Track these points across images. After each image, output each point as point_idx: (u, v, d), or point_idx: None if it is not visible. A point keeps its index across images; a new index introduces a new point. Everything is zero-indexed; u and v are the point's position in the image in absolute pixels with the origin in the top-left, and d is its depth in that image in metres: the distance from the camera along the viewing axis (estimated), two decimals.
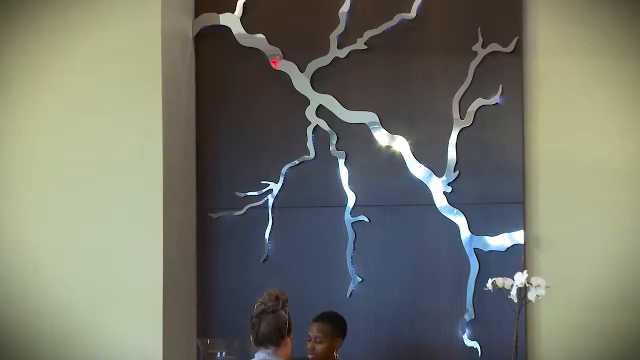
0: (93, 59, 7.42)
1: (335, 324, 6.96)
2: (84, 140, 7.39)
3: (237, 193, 7.87)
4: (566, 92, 7.62)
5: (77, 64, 7.45)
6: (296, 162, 7.84)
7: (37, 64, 7.51)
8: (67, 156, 7.43)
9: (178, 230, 7.68)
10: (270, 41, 7.88)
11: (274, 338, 5.56)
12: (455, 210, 7.66)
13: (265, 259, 7.82)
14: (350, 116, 7.82)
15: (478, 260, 7.58)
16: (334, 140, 7.82)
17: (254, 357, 5.64)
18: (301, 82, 7.85)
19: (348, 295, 7.68)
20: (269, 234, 7.83)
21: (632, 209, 7.48)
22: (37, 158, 7.47)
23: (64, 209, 7.40)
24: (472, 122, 7.67)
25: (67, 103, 7.45)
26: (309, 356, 6.96)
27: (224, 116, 8.07)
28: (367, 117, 7.80)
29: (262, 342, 5.59)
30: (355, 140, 7.85)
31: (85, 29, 7.45)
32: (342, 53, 7.80)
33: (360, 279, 7.72)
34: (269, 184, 7.85)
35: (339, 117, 7.83)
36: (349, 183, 7.78)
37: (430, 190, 7.69)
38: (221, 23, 7.93)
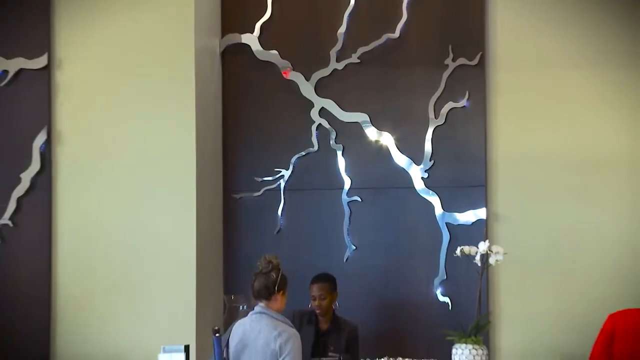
0: (141, 72, 7.66)
1: (331, 282, 7.16)
2: (137, 136, 7.64)
3: (255, 178, 8.08)
4: (520, 97, 7.77)
5: (129, 77, 7.68)
6: (303, 153, 8.05)
7: (105, 77, 7.73)
8: (126, 150, 7.68)
9: (208, 208, 7.85)
10: (282, 56, 8.07)
11: (264, 294, 5.80)
12: (431, 192, 7.85)
13: (278, 231, 8.03)
14: (346, 116, 8.00)
15: (449, 232, 7.79)
16: (333, 136, 8.01)
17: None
18: (307, 89, 8.05)
19: (345, 260, 7.89)
20: (281, 211, 8.04)
21: (573, 191, 7.63)
22: (105, 151, 7.71)
23: (124, 190, 7.66)
24: (445, 121, 7.87)
25: (125, 107, 7.70)
26: (317, 311, 7.09)
27: (245, 116, 8.19)
28: (360, 117, 7.98)
29: (257, 296, 5.82)
30: (351, 135, 8.01)
31: (134, 48, 7.69)
32: (340, 65, 8.00)
33: (355, 247, 7.91)
34: (281, 171, 8.06)
35: (337, 117, 8.02)
36: (346, 170, 7.97)
37: (410, 176, 7.88)
38: (242, 42, 8.12)
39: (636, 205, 7.65)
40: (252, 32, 8.13)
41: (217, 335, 5.54)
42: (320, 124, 8.08)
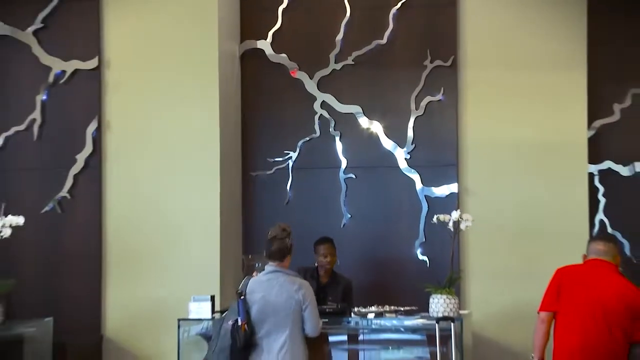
0: (175, 72, 7.68)
1: (333, 243, 7.18)
2: (171, 124, 7.66)
3: (268, 159, 8.08)
4: (486, 91, 7.77)
5: (165, 76, 7.69)
6: (307, 138, 8.05)
7: (144, 76, 7.74)
8: (162, 135, 7.69)
9: (229, 184, 7.86)
10: (290, 58, 8.08)
11: (279, 256, 5.73)
12: (412, 170, 7.87)
13: (287, 203, 8.03)
14: (343, 108, 8.02)
15: (427, 203, 7.81)
16: (332, 124, 8.01)
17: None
18: (310, 86, 8.05)
19: (342, 226, 7.90)
20: (290, 186, 8.04)
21: (529, 169, 7.65)
22: (145, 136, 7.71)
23: (161, 168, 7.68)
24: (424, 112, 7.89)
25: (161, 100, 7.71)
26: (326, 267, 7.12)
27: (260, 108, 8.18)
28: (354, 108, 8.00)
29: (272, 258, 5.75)
30: (347, 124, 8.01)
31: (169, 51, 7.69)
32: (338, 66, 8.01)
33: (350, 216, 7.93)
34: (289, 153, 8.06)
35: (335, 108, 8.03)
36: (342, 152, 7.99)
37: (395, 157, 7.91)
38: (258, 47, 8.12)
39: (581, 181, 7.67)
40: (265, 39, 8.12)
41: (242, 298, 5.58)
42: (321, 114, 8.08)
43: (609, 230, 7.77)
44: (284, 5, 8.13)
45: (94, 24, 7.82)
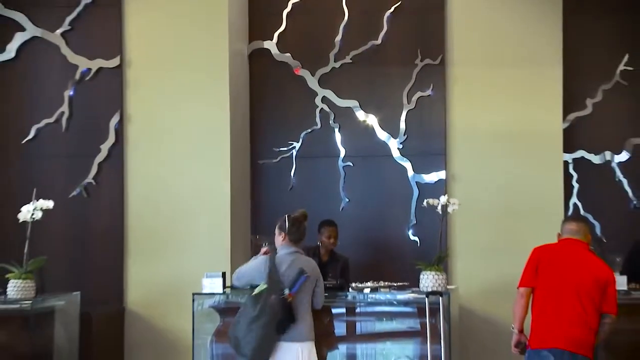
0: (189, 69, 7.63)
1: (336, 225, 7.19)
2: (186, 117, 7.62)
3: (274, 148, 8.08)
4: (471, 87, 7.79)
5: (180, 73, 7.64)
6: (309, 130, 8.05)
7: (162, 74, 7.69)
8: (177, 127, 7.65)
9: (239, 171, 7.85)
10: (294, 57, 8.09)
11: (298, 240, 5.73)
12: (405, 158, 7.91)
13: (290, 188, 8.03)
14: (342, 102, 8.03)
15: (418, 189, 7.85)
16: (332, 117, 8.01)
17: (277, 249, 5.75)
18: (312, 82, 8.06)
19: (340, 210, 7.91)
20: (293, 173, 8.03)
21: (509, 156, 7.68)
22: (162, 128, 7.68)
23: (177, 157, 7.63)
24: (415, 106, 7.91)
25: (176, 96, 7.66)
26: (330, 247, 7.12)
27: (266, 103, 8.17)
28: (352, 103, 8.01)
29: (294, 241, 5.71)
30: (345, 117, 8.03)
31: (184, 51, 7.66)
32: (337, 65, 8.03)
33: (348, 200, 7.95)
34: (293, 143, 8.07)
35: (335, 103, 8.03)
36: (341, 143, 8.01)
37: (389, 147, 7.94)
38: (264, 47, 8.11)
39: (556, 168, 7.69)
40: (271, 39, 8.12)
41: (306, 275, 5.58)
42: (322, 108, 8.08)
43: (582, 212, 7.80)
44: (288, 9, 8.12)
45: (116, 27, 7.79)
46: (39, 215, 6.27)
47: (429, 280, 6.25)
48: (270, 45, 8.16)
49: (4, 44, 7.91)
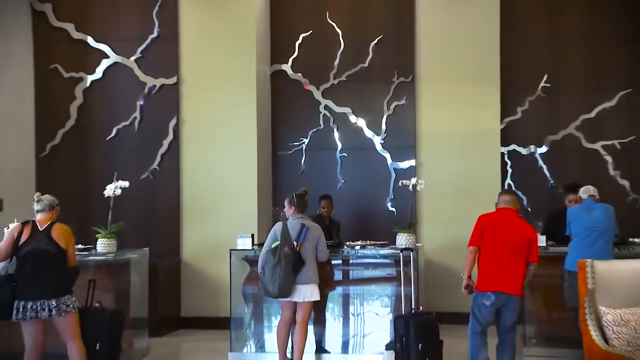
0: (226, 86, 7.60)
1: (331, 199, 7.14)
2: (224, 121, 7.60)
3: (289, 143, 8.01)
4: (434, 98, 7.73)
5: (219, 89, 7.61)
6: (315, 129, 7.97)
7: (207, 89, 7.63)
8: (219, 128, 7.62)
9: (263, 160, 7.82)
10: (304, 76, 8.02)
11: (303, 210, 5.67)
12: (385, 151, 7.86)
13: (302, 173, 7.96)
14: (339, 109, 7.97)
15: (395, 173, 7.81)
16: (331, 120, 7.96)
17: (288, 217, 5.63)
18: (317, 94, 8.00)
19: (338, 188, 7.83)
20: (303, 162, 7.96)
21: (462, 149, 7.55)
22: (208, 128, 7.64)
23: (218, 150, 7.62)
24: (393, 112, 7.84)
25: (217, 105, 7.63)
26: (325, 214, 6.98)
27: (283, 109, 8.07)
28: (346, 109, 7.96)
29: (299, 210, 5.65)
30: (341, 120, 7.96)
31: (221, 72, 7.58)
32: (335, 81, 7.96)
33: (343, 181, 7.91)
34: (303, 139, 7.99)
35: (334, 109, 7.97)
36: (338, 139, 7.95)
37: (374, 142, 7.89)
38: (282, 68, 8.03)
39: (495, 158, 7.61)
40: (287, 63, 8.07)
41: (307, 228, 5.50)
42: (324, 113, 8.02)
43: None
44: (300, 40, 8.05)
45: (174, 54, 7.79)
46: (118, 192, 6.24)
47: (403, 240, 6.20)
48: (286, 67, 8.11)
49: (94, 67, 7.93)
